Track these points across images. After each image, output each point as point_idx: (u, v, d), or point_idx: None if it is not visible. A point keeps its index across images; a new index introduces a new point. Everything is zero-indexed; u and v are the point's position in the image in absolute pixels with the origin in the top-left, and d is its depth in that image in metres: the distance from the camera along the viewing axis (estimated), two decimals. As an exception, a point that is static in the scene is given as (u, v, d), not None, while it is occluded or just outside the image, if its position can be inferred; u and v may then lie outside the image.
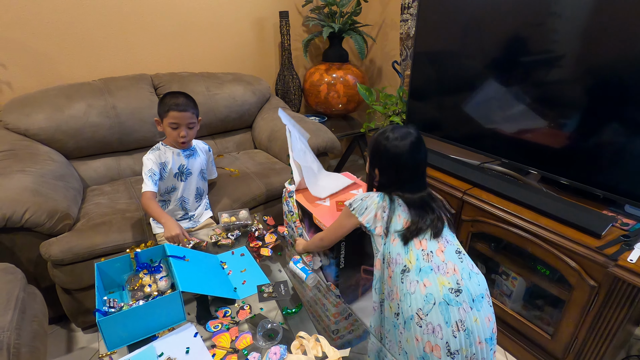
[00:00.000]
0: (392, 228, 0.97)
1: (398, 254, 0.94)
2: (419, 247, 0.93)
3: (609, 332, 1.12)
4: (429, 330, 0.87)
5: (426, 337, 0.88)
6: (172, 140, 1.41)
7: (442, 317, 0.87)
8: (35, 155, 1.57)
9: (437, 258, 0.92)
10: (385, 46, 2.63)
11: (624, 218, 1.24)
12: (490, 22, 1.46)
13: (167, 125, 1.37)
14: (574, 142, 1.30)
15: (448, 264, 0.91)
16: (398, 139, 0.98)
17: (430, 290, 0.89)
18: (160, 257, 1.14)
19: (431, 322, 0.87)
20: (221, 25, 2.30)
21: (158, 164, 1.37)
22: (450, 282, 0.89)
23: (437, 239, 0.95)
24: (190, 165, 1.46)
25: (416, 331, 0.89)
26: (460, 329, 0.86)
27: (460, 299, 0.88)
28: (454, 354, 0.86)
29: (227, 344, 0.92)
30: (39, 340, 1.08)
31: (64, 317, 1.51)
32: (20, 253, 1.36)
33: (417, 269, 0.91)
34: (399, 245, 0.95)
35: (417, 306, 0.89)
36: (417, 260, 0.92)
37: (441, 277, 0.90)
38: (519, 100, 1.42)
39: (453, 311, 0.87)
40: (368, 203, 1.00)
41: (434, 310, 0.87)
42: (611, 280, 1.08)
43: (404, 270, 0.92)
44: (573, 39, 1.23)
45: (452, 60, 1.66)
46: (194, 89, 2.04)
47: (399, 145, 0.97)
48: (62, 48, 1.87)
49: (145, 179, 1.35)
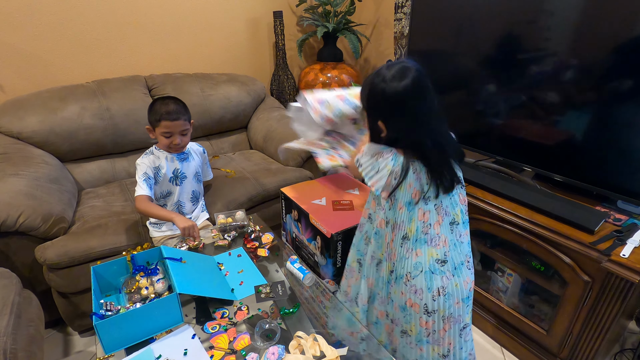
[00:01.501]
0: (399, 196, 0.92)
1: (402, 221, 0.95)
2: (421, 219, 0.93)
3: (603, 326, 1.14)
4: (412, 290, 0.97)
5: (409, 295, 0.98)
6: (164, 147, 1.40)
7: (426, 284, 0.96)
8: (29, 158, 1.56)
9: (433, 231, 0.94)
10: (379, 45, 2.63)
11: (616, 214, 1.26)
12: (483, 20, 1.47)
13: (159, 134, 1.35)
14: (567, 139, 1.32)
15: (440, 237, 0.95)
16: (396, 78, 0.82)
17: (420, 260, 0.96)
18: (157, 260, 1.14)
19: (415, 285, 0.96)
20: (215, 26, 2.29)
21: (152, 168, 1.36)
22: (439, 253, 0.95)
23: (438, 211, 0.93)
24: (184, 169, 1.45)
25: (402, 288, 0.99)
26: (441, 294, 0.96)
27: (444, 269, 0.96)
28: (430, 313, 0.97)
29: (225, 345, 0.92)
30: (36, 345, 1.07)
31: (61, 320, 1.50)
32: (15, 257, 1.35)
33: (414, 239, 0.95)
34: (404, 213, 0.93)
35: (407, 270, 0.97)
36: (416, 231, 0.94)
37: (431, 249, 0.95)
38: (513, 98, 1.44)
39: (436, 279, 0.95)
40: (381, 166, 0.89)
41: (420, 276, 0.96)
42: (604, 275, 1.09)
43: (404, 237, 0.96)
44: (565, 37, 1.24)
45: (446, 59, 1.67)
46: (189, 90, 2.03)
47: (399, 86, 0.82)
48: (55, 50, 1.86)
49: (139, 182, 1.33)
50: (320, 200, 1.36)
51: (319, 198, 1.38)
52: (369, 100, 0.90)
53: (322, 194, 1.41)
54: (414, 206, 0.92)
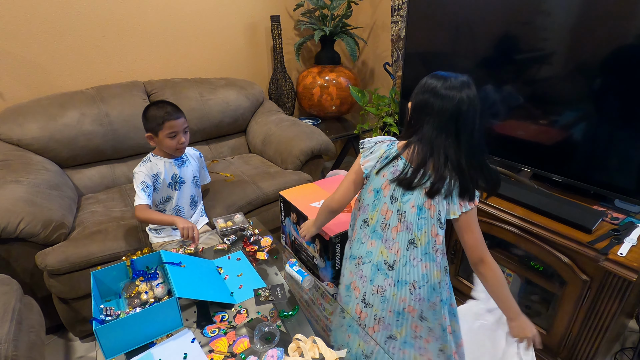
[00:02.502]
0: (372, 180, 0.95)
1: (367, 204, 0.99)
2: (383, 214, 0.95)
3: (602, 325, 1.14)
4: (359, 275, 1.02)
5: (355, 277, 1.03)
6: (171, 149, 1.39)
7: (370, 274, 0.99)
8: (28, 165, 1.57)
9: (390, 233, 0.95)
10: (376, 48, 2.65)
11: (614, 212, 1.26)
12: (479, 21, 1.48)
13: (164, 137, 1.35)
14: (564, 138, 1.32)
15: (395, 245, 0.95)
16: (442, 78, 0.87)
17: (372, 251, 0.99)
18: (157, 264, 1.14)
19: (362, 270, 1.01)
20: (213, 31, 2.31)
21: (150, 176, 1.36)
22: (389, 257, 0.96)
23: (400, 219, 0.92)
24: (182, 173, 1.46)
25: (352, 268, 1.04)
26: (378, 292, 0.98)
27: (389, 274, 0.97)
28: (367, 304, 1.00)
29: (224, 349, 0.93)
30: (37, 351, 1.08)
31: (62, 326, 1.51)
32: (15, 264, 1.36)
33: (372, 229, 0.99)
34: (370, 198, 0.97)
35: (360, 253, 1.01)
36: (376, 222, 0.97)
37: (384, 248, 0.97)
38: (510, 98, 1.44)
39: (379, 277, 0.98)
40: (376, 148, 0.96)
41: (368, 265, 1.00)
42: (602, 274, 1.10)
43: (365, 220, 1.01)
44: (562, 37, 1.25)
45: (443, 61, 1.67)
46: (187, 94, 2.04)
47: (440, 84, 0.86)
48: (54, 57, 1.87)
49: (137, 191, 1.34)
50: (318, 203, 1.37)
51: (317, 201, 1.38)
52: (420, 87, 0.90)
53: (320, 196, 1.42)
54: (381, 197, 0.94)
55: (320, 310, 1.29)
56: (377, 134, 2.21)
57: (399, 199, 0.92)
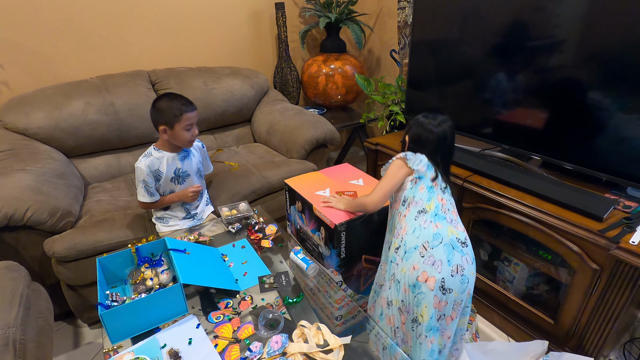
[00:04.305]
0: (424, 179, 1.10)
1: (421, 198, 1.07)
2: (439, 201, 1.07)
3: (612, 315, 1.12)
4: (430, 262, 0.98)
5: (424, 267, 0.99)
6: (185, 142, 1.36)
7: (446, 256, 0.98)
8: (35, 154, 1.58)
9: (451, 215, 1.07)
10: (383, 35, 2.60)
11: (626, 201, 1.23)
12: (487, 7, 1.43)
13: (181, 129, 1.32)
14: (575, 126, 1.29)
15: (459, 224, 1.07)
16: (431, 118, 1.15)
17: (440, 232, 1.01)
18: (162, 251, 1.15)
19: (433, 256, 0.98)
20: (217, 19, 2.28)
21: (150, 172, 1.35)
22: (460, 235, 1.03)
23: (453, 205, 1.10)
24: (186, 167, 1.44)
25: (415, 260, 1.00)
26: (459, 272, 0.98)
27: (465, 251, 1.01)
28: (446, 290, 0.97)
29: (229, 334, 0.93)
30: (45, 336, 1.09)
31: (70, 313, 1.53)
32: (24, 251, 1.38)
33: (434, 214, 1.05)
34: (424, 192, 1.08)
35: (425, 239, 1.01)
36: (436, 207, 1.06)
37: (452, 227, 1.04)
38: (519, 86, 1.41)
39: (456, 255, 0.99)
40: (420, 158, 1.12)
41: (439, 247, 0.99)
42: (613, 263, 1.07)
43: (421, 211, 1.05)
44: (574, 24, 1.21)
45: (451, 48, 1.64)
46: (192, 84, 2.03)
47: (430, 122, 1.14)
48: (59, 47, 1.87)
49: (138, 188, 1.36)
50: (324, 191, 1.35)
51: (322, 189, 1.37)
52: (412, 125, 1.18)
53: (325, 185, 1.41)
54: (434, 190, 1.09)
55: (325, 298, 1.29)
56: (382, 122, 2.18)
57: (448, 188, 1.12)
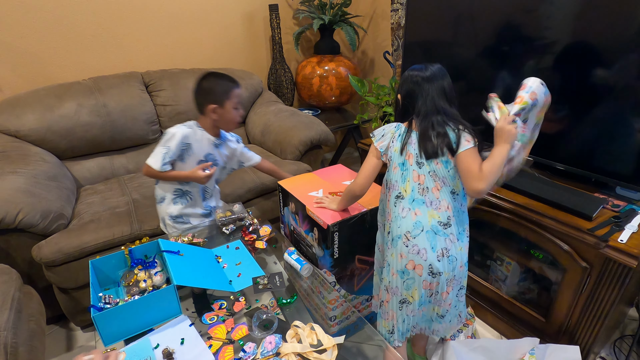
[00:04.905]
0: (394, 157, 1.06)
1: (396, 181, 1.04)
2: (416, 180, 1.01)
3: (602, 313, 1.14)
4: (414, 251, 0.98)
5: (410, 256, 0.99)
6: (234, 123, 1.31)
7: (429, 243, 0.98)
8: (26, 156, 1.57)
9: (432, 194, 1.00)
10: (376, 37, 2.62)
11: (615, 200, 1.25)
12: (479, 9, 1.45)
13: (231, 107, 1.25)
14: (565, 127, 1.31)
15: (442, 202, 1.00)
16: (419, 69, 1.06)
17: (420, 219, 0.99)
18: (155, 253, 1.14)
19: (417, 245, 0.98)
20: (210, 21, 2.28)
21: (180, 144, 1.25)
22: (441, 217, 0.99)
23: (434, 178, 1.00)
24: (217, 156, 1.38)
25: (401, 249, 1.00)
26: (444, 255, 0.98)
27: (448, 232, 0.99)
28: (436, 274, 0.98)
29: (222, 335, 0.93)
30: (37, 339, 1.08)
31: (63, 316, 1.52)
32: (15, 254, 1.37)
33: (411, 199, 1.01)
34: (398, 173, 1.04)
35: (406, 229, 1.00)
36: (412, 191, 1.01)
37: (432, 211, 0.99)
38: (510, 87, 1.42)
39: (439, 240, 0.98)
40: (386, 130, 1.09)
41: (421, 235, 0.98)
42: (602, 261, 1.09)
43: (398, 196, 1.03)
44: (563, 26, 1.23)
45: (443, 49, 1.65)
46: (186, 85, 2.03)
47: (418, 72, 1.06)
48: (51, 48, 1.86)
49: (156, 151, 1.24)
50: (317, 192, 1.36)
51: (315, 190, 1.37)
52: (400, 82, 1.10)
53: (318, 185, 1.41)
54: (408, 167, 1.03)
55: (319, 299, 1.30)
56: (376, 124, 2.19)
57: (425, 162, 1.01)
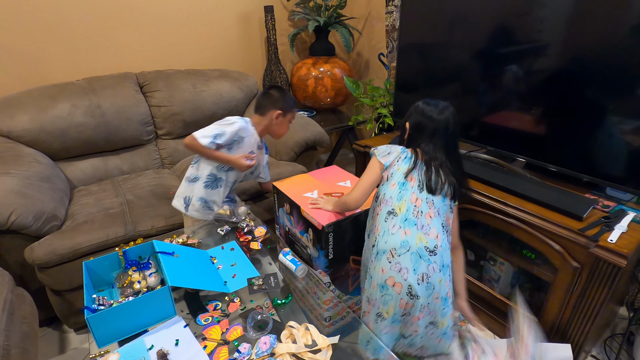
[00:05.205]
0: (396, 175, 1.06)
1: (391, 197, 1.04)
2: (413, 202, 1.02)
3: (593, 311, 1.15)
4: (396, 268, 0.99)
5: (391, 272, 0.99)
6: (281, 134, 1.44)
7: (412, 264, 0.98)
8: (19, 157, 1.55)
9: (424, 219, 1.01)
10: (371, 39, 2.63)
11: (605, 200, 1.27)
12: (473, 11, 1.47)
13: (288, 120, 1.41)
14: (556, 128, 1.33)
15: (432, 229, 1.01)
16: (439, 111, 1.09)
17: (408, 240, 0.99)
18: (149, 254, 1.14)
19: (399, 263, 0.98)
20: (205, 21, 2.28)
21: (234, 134, 1.31)
22: (429, 243, 1.00)
23: (430, 206, 1.03)
24: (258, 156, 1.46)
25: (384, 264, 1.01)
26: (424, 280, 0.98)
27: (432, 259, 0.99)
28: (414, 296, 0.98)
29: (217, 336, 0.93)
30: (30, 342, 1.07)
31: (56, 318, 1.51)
32: (7, 256, 1.35)
33: (404, 218, 1.01)
34: (395, 190, 1.05)
35: (392, 245, 1.00)
36: (407, 211, 1.02)
37: (422, 234, 1.00)
38: (504, 89, 1.44)
39: (422, 264, 0.98)
40: (392, 150, 1.11)
41: (406, 255, 0.98)
42: (593, 260, 1.11)
43: (390, 212, 1.03)
44: (556, 29, 1.25)
45: (437, 51, 1.67)
46: (180, 86, 2.03)
47: (432, 109, 1.09)
48: (45, 48, 1.84)
49: (209, 128, 1.30)
50: (311, 193, 1.36)
51: (310, 191, 1.38)
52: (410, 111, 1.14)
53: (313, 186, 1.42)
54: (408, 188, 1.04)
55: (314, 299, 1.30)
56: (371, 125, 2.21)
57: (422, 189, 1.04)
